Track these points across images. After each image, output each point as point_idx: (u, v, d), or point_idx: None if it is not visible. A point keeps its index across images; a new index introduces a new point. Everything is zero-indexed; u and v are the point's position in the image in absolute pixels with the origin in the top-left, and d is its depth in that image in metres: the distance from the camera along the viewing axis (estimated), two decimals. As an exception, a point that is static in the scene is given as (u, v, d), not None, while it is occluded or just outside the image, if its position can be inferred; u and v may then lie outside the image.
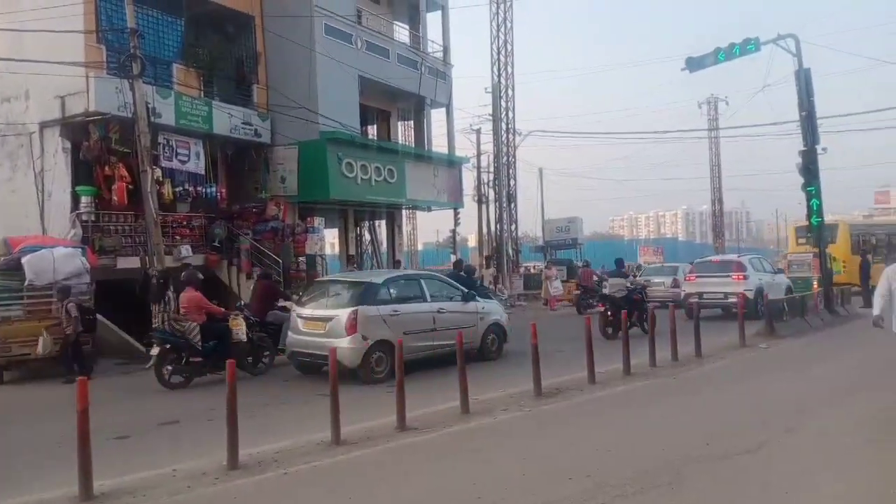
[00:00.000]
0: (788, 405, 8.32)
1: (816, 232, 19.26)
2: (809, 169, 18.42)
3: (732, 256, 23.53)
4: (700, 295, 18.45)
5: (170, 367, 11.01)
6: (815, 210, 18.70)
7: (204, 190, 18.61)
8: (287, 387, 11.12)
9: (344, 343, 10.45)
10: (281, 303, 13.93)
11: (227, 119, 18.61)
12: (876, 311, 7.66)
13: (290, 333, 11.84)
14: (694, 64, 19.77)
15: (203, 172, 18.56)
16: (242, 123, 19.10)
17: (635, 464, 6.05)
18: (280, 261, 18.40)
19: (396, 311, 11.44)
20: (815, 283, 21.23)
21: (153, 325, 13.79)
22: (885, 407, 7.95)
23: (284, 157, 20.00)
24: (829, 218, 24.95)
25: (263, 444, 7.03)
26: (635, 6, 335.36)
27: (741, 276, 19.06)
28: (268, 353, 12.33)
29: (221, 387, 6.64)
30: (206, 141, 18.53)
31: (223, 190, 19.39)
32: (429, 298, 12.11)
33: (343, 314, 10.94)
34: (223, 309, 12.42)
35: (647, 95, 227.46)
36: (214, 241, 18.68)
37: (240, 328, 11.58)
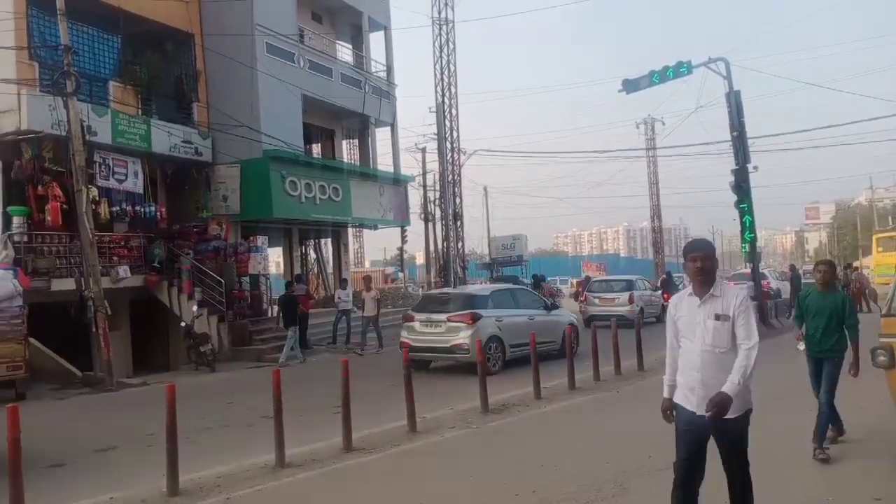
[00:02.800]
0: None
1: (750, 247, 19.97)
2: (741, 187, 19.12)
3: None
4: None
5: None
6: (747, 226, 19.41)
7: (143, 209, 18.19)
8: (230, 409, 10.90)
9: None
10: None
11: (166, 137, 18.26)
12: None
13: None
14: (630, 86, 20.38)
15: (141, 192, 18.15)
16: (182, 142, 18.77)
17: (580, 478, 6.14)
18: (222, 281, 18.07)
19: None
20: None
21: None
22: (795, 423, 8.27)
23: (226, 176, 19.72)
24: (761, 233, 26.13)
25: (205, 469, 6.87)
26: (578, 29, 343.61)
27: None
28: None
29: (162, 410, 6.47)
30: (145, 159, 18.14)
31: (163, 209, 18.98)
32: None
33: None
34: None
35: (588, 115, 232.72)
36: (154, 262, 18.24)
37: None
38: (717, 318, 3.87)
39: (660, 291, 24.16)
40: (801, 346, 6.84)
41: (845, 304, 6.54)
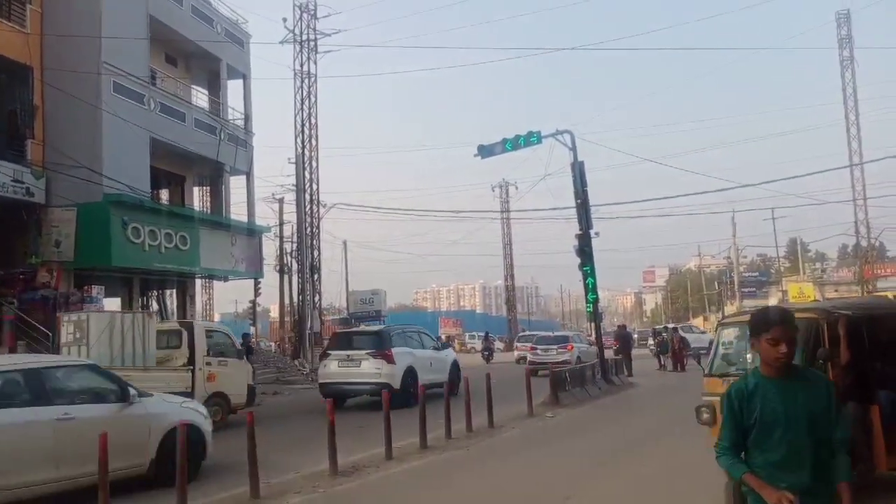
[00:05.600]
0: (569, 472, 8.82)
1: (594, 306, 21.09)
2: (584, 251, 20.24)
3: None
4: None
5: None
6: (590, 287, 20.52)
7: (-41, 253, 16.43)
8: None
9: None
10: None
11: (-8, 175, 16.72)
12: None
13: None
14: (485, 151, 21.25)
15: (-41, 233, 16.43)
16: (12, 181, 17.25)
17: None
18: (49, 334, 16.52)
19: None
20: None
21: None
22: (651, 472, 8.72)
23: (60, 220, 18.28)
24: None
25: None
26: (439, 92, 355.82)
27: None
28: None
29: None
30: (-35, 198, 16.48)
31: (-17, 253, 17.25)
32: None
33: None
34: None
35: (446, 176, 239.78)
36: (-30, 311, 16.43)
37: None
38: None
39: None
40: None
41: (831, 400, 3.11)
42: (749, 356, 6.85)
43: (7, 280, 17.89)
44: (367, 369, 15.18)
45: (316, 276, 30.49)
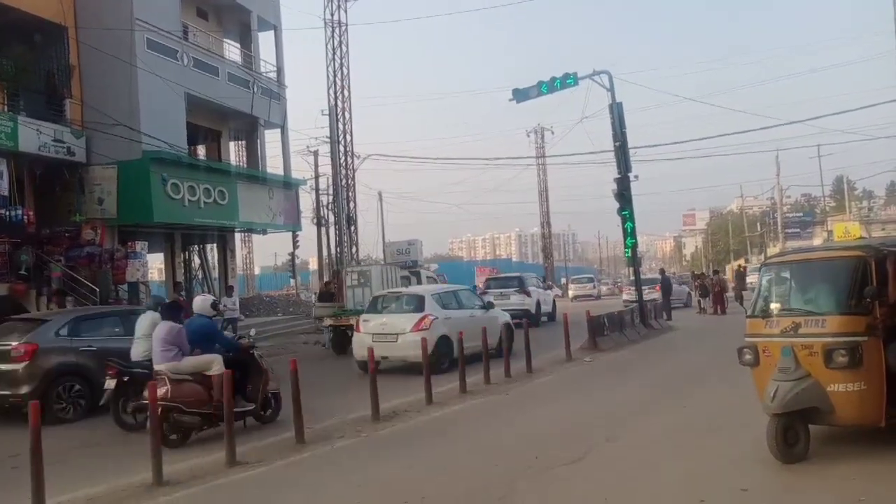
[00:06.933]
0: (608, 415, 8.88)
1: (632, 252, 20.89)
2: (623, 195, 19.97)
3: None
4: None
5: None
6: (629, 232, 20.30)
7: (7, 213, 16.82)
8: (105, 426, 10.21)
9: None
10: None
11: (35, 136, 17.03)
12: None
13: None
14: (520, 95, 20.86)
15: (7, 194, 16.81)
16: (53, 141, 17.56)
17: (468, 481, 6.18)
18: (97, 289, 17.02)
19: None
20: None
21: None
22: (690, 414, 8.73)
23: (102, 178, 18.63)
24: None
25: (75, 491, 6.41)
26: (471, 37, 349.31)
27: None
28: None
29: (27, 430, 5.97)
30: (11, 159, 16.83)
31: (30, 213, 17.62)
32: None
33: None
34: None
35: (481, 122, 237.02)
36: (21, 269, 16.94)
37: None
38: None
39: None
40: None
41: None
42: (791, 296, 6.73)
43: (53, 238, 18.37)
44: (515, 301, 22.43)
45: (353, 228, 30.66)
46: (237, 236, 27.80)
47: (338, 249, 30.36)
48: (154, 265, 27.94)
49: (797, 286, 6.77)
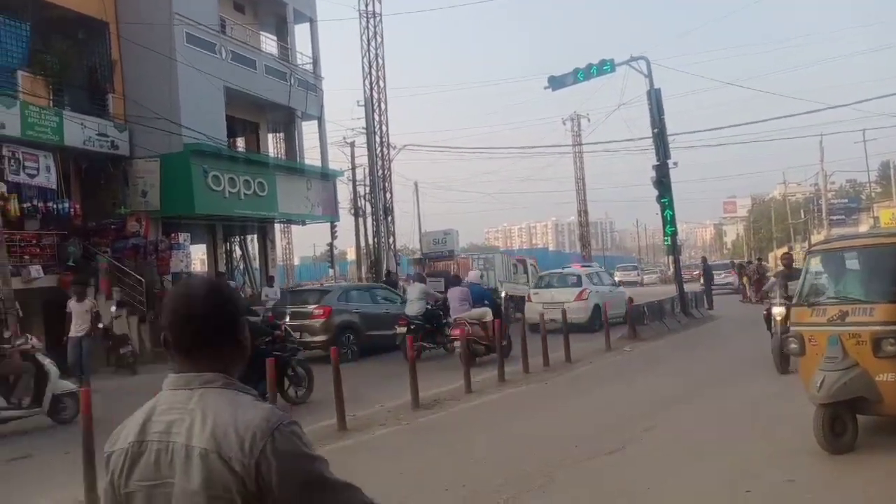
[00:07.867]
0: (649, 404, 8.80)
1: (672, 240, 20.62)
2: (662, 182, 19.69)
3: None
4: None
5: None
6: (668, 220, 20.02)
7: (56, 206, 17.29)
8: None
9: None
10: None
11: (80, 130, 17.42)
12: None
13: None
14: (556, 82, 20.69)
15: (54, 187, 17.26)
16: (97, 135, 17.94)
17: (509, 470, 6.19)
18: (142, 280, 17.41)
19: None
20: None
21: None
22: (732, 404, 8.61)
23: (145, 171, 18.99)
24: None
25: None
26: (504, 26, 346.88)
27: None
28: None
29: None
30: (58, 153, 17.26)
31: (77, 205, 18.08)
32: None
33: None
34: None
35: (515, 111, 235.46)
36: (69, 261, 17.39)
37: None
38: None
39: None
40: None
41: None
42: (838, 284, 6.59)
43: (100, 230, 18.79)
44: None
45: (389, 218, 30.81)
46: (277, 227, 28.13)
47: (375, 239, 30.56)
48: (196, 256, 28.38)
49: (844, 274, 6.62)
